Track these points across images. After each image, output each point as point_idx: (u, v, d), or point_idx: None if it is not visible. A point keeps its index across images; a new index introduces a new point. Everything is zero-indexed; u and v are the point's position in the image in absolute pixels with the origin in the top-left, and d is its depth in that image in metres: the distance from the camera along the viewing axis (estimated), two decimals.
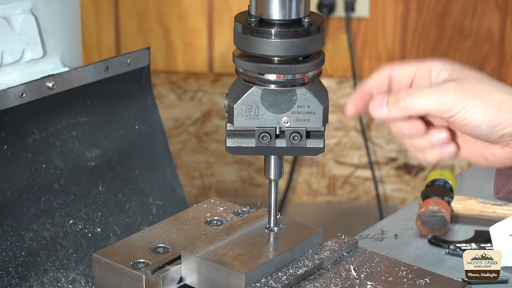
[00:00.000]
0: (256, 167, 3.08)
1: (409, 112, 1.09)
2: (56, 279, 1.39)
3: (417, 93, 1.09)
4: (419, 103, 1.08)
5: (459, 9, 2.85)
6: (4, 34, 1.41)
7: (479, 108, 1.07)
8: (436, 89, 1.09)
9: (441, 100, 1.08)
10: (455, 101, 1.07)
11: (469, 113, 1.07)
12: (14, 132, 1.39)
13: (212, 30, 2.93)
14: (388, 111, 1.10)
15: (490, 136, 1.09)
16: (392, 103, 1.10)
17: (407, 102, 1.09)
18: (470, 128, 1.08)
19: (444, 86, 1.09)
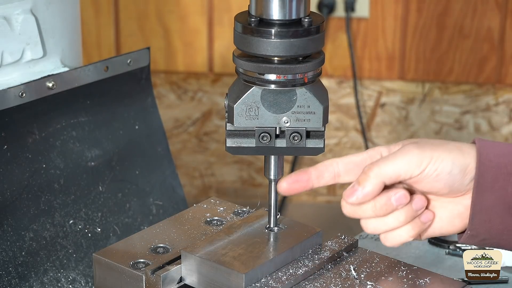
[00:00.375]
0: (256, 167, 3.08)
1: (381, 179, 1.09)
2: (56, 279, 1.39)
3: (381, 161, 1.10)
4: (387, 167, 1.09)
5: (459, 9, 2.85)
6: (4, 34, 1.41)
7: (444, 155, 1.09)
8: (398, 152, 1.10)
9: (408, 158, 1.09)
10: (421, 155, 1.09)
11: (438, 162, 1.09)
12: (14, 132, 1.39)
13: (212, 30, 2.93)
14: (363, 189, 1.09)
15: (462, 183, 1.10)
16: (362, 180, 1.09)
17: (375, 171, 1.09)
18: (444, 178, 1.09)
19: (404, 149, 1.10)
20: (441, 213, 1.15)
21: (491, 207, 1.11)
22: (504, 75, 2.90)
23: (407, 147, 1.10)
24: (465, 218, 1.14)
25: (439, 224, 1.16)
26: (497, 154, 1.11)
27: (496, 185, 1.10)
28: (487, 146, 1.11)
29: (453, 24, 2.87)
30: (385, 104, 2.99)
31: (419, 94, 2.96)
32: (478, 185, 1.10)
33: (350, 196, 1.10)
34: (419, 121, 2.98)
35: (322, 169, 1.14)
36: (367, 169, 1.10)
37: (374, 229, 1.13)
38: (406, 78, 2.94)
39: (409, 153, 1.09)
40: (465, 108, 2.95)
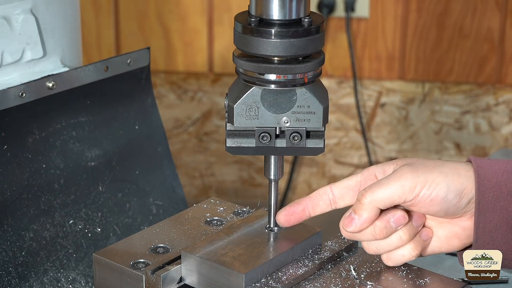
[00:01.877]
0: (256, 167, 3.08)
1: (376, 205, 1.08)
2: (56, 279, 1.39)
3: (374, 186, 1.09)
4: (380, 193, 1.08)
5: (459, 9, 2.85)
6: (4, 34, 1.41)
7: (439, 179, 1.07)
8: (391, 176, 1.09)
9: (401, 183, 1.08)
10: (415, 179, 1.07)
11: (432, 186, 1.07)
12: (14, 132, 1.39)
13: (212, 30, 2.93)
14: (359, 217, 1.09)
15: (458, 207, 1.10)
16: (357, 208, 1.09)
17: (369, 198, 1.08)
18: (439, 202, 1.08)
19: (398, 172, 1.09)
20: (439, 232, 1.15)
21: (494, 228, 1.10)
22: (504, 75, 2.90)
23: (400, 170, 1.09)
24: (463, 239, 1.14)
25: (437, 243, 1.16)
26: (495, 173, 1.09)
27: (497, 205, 1.09)
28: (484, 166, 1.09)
29: (453, 24, 2.87)
30: (385, 104, 2.99)
31: (419, 94, 2.96)
32: (480, 206, 1.08)
33: (349, 226, 1.10)
34: (419, 121, 2.98)
35: (316, 198, 1.15)
36: (360, 196, 1.09)
37: (376, 250, 1.13)
38: (406, 78, 2.94)
39: (402, 177, 1.08)
40: (465, 108, 2.95)
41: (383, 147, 3.02)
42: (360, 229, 1.10)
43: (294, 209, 1.16)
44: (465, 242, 1.15)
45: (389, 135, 3.01)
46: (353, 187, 1.14)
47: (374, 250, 1.13)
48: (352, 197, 1.14)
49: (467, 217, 1.12)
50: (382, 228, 1.11)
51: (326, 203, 1.15)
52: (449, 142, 2.99)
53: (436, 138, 2.99)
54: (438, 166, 1.09)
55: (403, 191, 1.08)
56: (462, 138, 2.98)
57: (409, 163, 1.10)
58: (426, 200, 1.08)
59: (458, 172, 1.09)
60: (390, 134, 3.01)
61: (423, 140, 3.00)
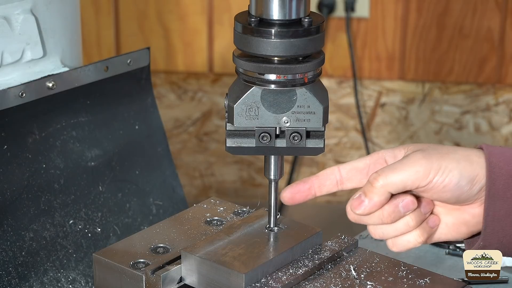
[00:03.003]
0: (256, 167, 3.08)
1: (388, 189, 1.07)
2: (56, 279, 1.39)
3: (387, 170, 1.08)
4: (394, 177, 1.07)
5: (459, 9, 2.85)
6: (4, 34, 1.41)
7: (452, 165, 1.07)
8: (405, 161, 1.08)
9: (415, 169, 1.07)
10: (429, 165, 1.06)
11: (446, 173, 1.07)
12: (14, 132, 1.39)
13: (212, 30, 2.93)
14: (370, 200, 1.08)
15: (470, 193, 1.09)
16: (368, 190, 1.08)
17: (381, 182, 1.07)
18: (451, 189, 1.08)
19: (411, 157, 1.08)
20: (447, 219, 1.14)
21: (504, 216, 1.09)
22: (504, 75, 2.90)
23: (413, 156, 1.08)
24: (471, 226, 1.13)
25: (444, 230, 1.15)
26: (507, 161, 1.08)
27: (508, 193, 1.08)
28: (496, 154, 1.09)
29: (453, 24, 2.87)
30: (385, 104, 2.99)
31: (419, 94, 2.96)
32: (490, 194, 1.08)
33: (358, 208, 1.09)
34: (419, 121, 2.98)
35: (323, 177, 1.14)
36: (372, 179, 1.08)
37: (382, 235, 1.12)
38: (406, 78, 2.94)
39: (416, 163, 1.07)
40: (465, 108, 2.95)
41: (383, 147, 3.02)
42: (369, 212, 1.09)
43: (300, 187, 1.14)
44: (472, 230, 1.13)
45: (389, 135, 3.01)
46: (361, 170, 1.13)
47: (380, 235, 1.12)
48: (360, 179, 1.13)
49: (478, 204, 1.11)
50: (391, 212, 1.09)
51: (333, 183, 1.14)
52: (449, 142, 2.99)
53: (436, 138, 2.99)
54: (450, 152, 1.08)
55: (417, 177, 1.07)
56: (462, 138, 2.98)
57: (421, 148, 1.09)
58: (439, 187, 1.08)
59: (471, 158, 1.08)
60: (390, 134, 3.01)
61: (423, 140, 3.00)
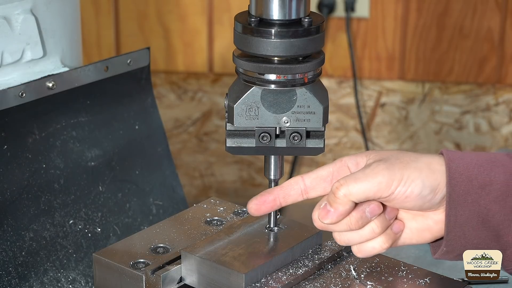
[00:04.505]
0: (256, 167, 3.08)
1: (351, 199, 1.08)
2: (56, 279, 1.39)
3: (349, 179, 1.08)
4: (356, 188, 1.07)
5: (459, 9, 2.85)
6: (4, 34, 1.41)
7: (414, 175, 1.07)
8: (367, 171, 1.08)
9: (377, 179, 1.07)
10: (391, 176, 1.07)
11: (408, 183, 1.07)
12: (14, 132, 1.39)
13: (212, 30, 2.93)
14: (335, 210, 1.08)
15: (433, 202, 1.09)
16: (332, 200, 1.09)
17: (343, 192, 1.08)
18: (413, 199, 1.08)
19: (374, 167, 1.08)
20: (411, 224, 1.14)
21: (465, 221, 1.09)
22: (504, 75, 2.90)
23: (376, 166, 1.08)
24: (434, 232, 1.14)
25: (408, 235, 1.15)
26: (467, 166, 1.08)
27: (468, 199, 1.08)
28: (456, 159, 1.09)
29: (453, 24, 2.87)
30: (385, 104, 2.99)
31: (419, 94, 2.96)
32: (451, 200, 1.08)
33: (325, 218, 1.09)
34: (419, 121, 2.98)
35: (288, 188, 1.14)
36: (335, 189, 1.09)
37: (348, 241, 1.13)
38: (406, 78, 2.94)
39: (378, 174, 1.07)
40: (465, 108, 2.95)
41: (383, 147, 3.02)
42: (336, 221, 1.09)
43: (265, 199, 1.14)
44: (436, 235, 1.14)
45: (389, 135, 3.01)
46: (325, 178, 1.13)
47: (345, 241, 1.12)
48: (324, 188, 1.13)
49: (441, 211, 1.11)
50: (358, 218, 1.10)
51: (298, 193, 1.14)
52: (449, 142, 2.99)
53: (436, 138, 2.99)
54: (412, 161, 1.08)
55: (379, 188, 1.07)
56: (462, 138, 2.98)
57: (384, 158, 1.10)
58: (402, 197, 1.08)
59: (432, 167, 1.08)
60: (390, 134, 3.01)
61: (423, 140, 3.00)
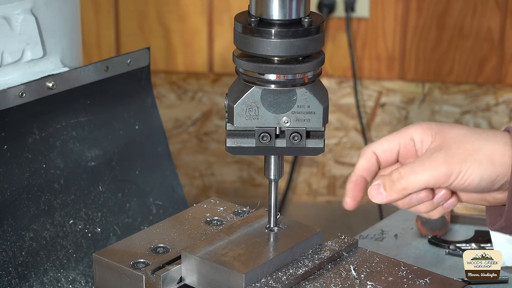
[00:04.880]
0: (256, 167, 3.08)
1: (409, 192, 1.09)
2: (56, 279, 1.39)
3: (409, 171, 1.09)
4: (415, 181, 1.09)
5: (459, 9, 2.85)
6: (4, 34, 1.41)
7: (473, 169, 1.08)
8: (427, 163, 1.09)
9: (435, 173, 1.08)
10: (449, 170, 1.08)
11: (466, 176, 1.08)
12: (14, 132, 1.39)
13: (212, 30, 2.93)
14: (388, 196, 1.10)
15: (491, 189, 1.11)
16: (389, 188, 1.10)
17: (403, 184, 1.09)
18: (471, 189, 1.10)
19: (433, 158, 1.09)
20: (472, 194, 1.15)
21: None
22: (504, 75, 2.90)
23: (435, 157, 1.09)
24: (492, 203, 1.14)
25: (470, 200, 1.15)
26: None
27: None
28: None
29: (453, 24, 2.87)
30: (385, 104, 2.99)
31: (419, 94, 2.96)
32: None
33: (375, 198, 1.11)
34: (419, 121, 2.98)
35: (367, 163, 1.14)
36: (395, 180, 1.10)
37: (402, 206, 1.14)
38: (406, 78, 2.94)
39: (437, 168, 1.08)
40: (465, 108, 2.95)
41: None
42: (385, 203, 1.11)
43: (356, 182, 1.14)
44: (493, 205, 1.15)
45: None
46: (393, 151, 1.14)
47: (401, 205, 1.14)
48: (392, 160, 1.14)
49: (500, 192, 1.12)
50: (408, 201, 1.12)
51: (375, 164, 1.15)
52: None
53: None
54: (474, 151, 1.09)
55: (437, 181, 1.08)
56: None
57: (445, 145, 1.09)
58: (459, 187, 1.10)
59: (494, 159, 1.09)
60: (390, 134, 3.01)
61: None
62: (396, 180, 1.10)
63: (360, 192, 1.14)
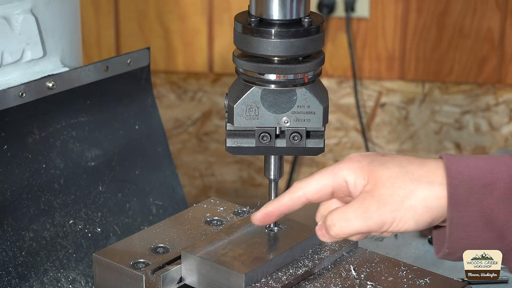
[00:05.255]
0: (256, 167, 3.08)
1: (342, 237, 1.08)
2: (56, 279, 1.39)
3: (341, 218, 1.07)
4: (347, 228, 1.07)
5: (459, 9, 2.85)
6: (4, 34, 1.41)
7: (408, 216, 1.05)
8: (360, 211, 1.06)
9: (368, 222, 1.06)
10: (382, 219, 1.05)
11: (401, 224, 1.06)
12: (14, 132, 1.39)
13: (212, 30, 2.93)
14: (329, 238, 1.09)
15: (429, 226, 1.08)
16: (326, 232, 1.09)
17: (335, 230, 1.07)
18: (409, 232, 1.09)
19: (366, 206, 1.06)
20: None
21: (468, 223, 1.06)
22: (504, 75, 2.90)
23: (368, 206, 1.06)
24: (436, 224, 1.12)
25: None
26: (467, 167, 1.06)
27: (471, 199, 1.05)
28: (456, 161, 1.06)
29: (453, 24, 2.87)
30: (385, 104, 2.99)
31: (419, 94, 2.96)
32: (452, 201, 1.05)
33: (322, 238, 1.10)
34: (419, 121, 2.98)
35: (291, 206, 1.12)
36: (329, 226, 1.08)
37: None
38: (406, 78, 2.94)
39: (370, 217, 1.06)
40: (465, 108, 2.95)
41: (383, 147, 3.02)
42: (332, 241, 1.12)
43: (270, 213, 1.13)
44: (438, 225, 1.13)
45: (389, 135, 3.01)
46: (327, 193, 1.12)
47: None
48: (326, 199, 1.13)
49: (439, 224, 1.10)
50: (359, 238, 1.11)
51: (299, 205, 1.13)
52: (449, 142, 2.99)
53: (436, 138, 2.99)
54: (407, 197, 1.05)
55: (370, 228, 1.06)
56: (462, 138, 2.98)
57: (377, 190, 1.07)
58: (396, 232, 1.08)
59: (428, 204, 1.05)
60: (390, 134, 3.01)
61: (423, 140, 3.00)
62: (329, 226, 1.08)
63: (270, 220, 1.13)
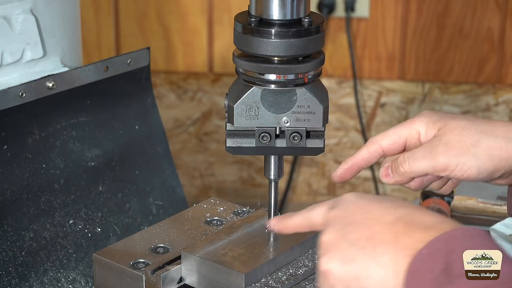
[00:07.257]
0: (256, 167, 3.08)
1: (410, 175, 1.14)
2: (56, 279, 1.39)
3: (410, 157, 1.14)
4: (415, 166, 1.13)
5: (459, 9, 2.85)
6: (4, 34, 1.41)
7: (471, 163, 1.11)
8: (427, 152, 1.13)
9: (433, 162, 1.12)
10: (446, 161, 1.11)
11: (464, 169, 1.11)
12: (14, 132, 1.39)
13: (212, 30, 2.93)
14: (393, 178, 1.15)
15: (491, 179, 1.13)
16: (394, 170, 1.15)
17: (404, 167, 1.13)
18: (471, 180, 1.13)
19: (433, 148, 1.12)
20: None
21: None
22: (504, 75, 2.90)
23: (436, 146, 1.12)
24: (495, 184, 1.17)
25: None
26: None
27: None
28: None
29: (453, 24, 2.87)
30: (385, 104, 2.99)
31: (419, 94, 2.96)
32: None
33: (384, 178, 1.16)
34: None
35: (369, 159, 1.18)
36: (399, 164, 1.14)
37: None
38: (406, 78, 2.94)
39: (436, 158, 1.11)
40: (465, 108, 2.95)
41: None
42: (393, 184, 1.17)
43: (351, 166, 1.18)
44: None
45: None
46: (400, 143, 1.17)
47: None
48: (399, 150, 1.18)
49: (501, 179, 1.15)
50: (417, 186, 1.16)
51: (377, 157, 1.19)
52: None
53: None
54: (472, 145, 1.11)
55: (435, 169, 1.12)
56: None
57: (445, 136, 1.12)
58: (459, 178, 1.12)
59: (491, 153, 1.11)
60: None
61: None
62: (399, 163, 1.14)
63: (350, 175, 1.18)
